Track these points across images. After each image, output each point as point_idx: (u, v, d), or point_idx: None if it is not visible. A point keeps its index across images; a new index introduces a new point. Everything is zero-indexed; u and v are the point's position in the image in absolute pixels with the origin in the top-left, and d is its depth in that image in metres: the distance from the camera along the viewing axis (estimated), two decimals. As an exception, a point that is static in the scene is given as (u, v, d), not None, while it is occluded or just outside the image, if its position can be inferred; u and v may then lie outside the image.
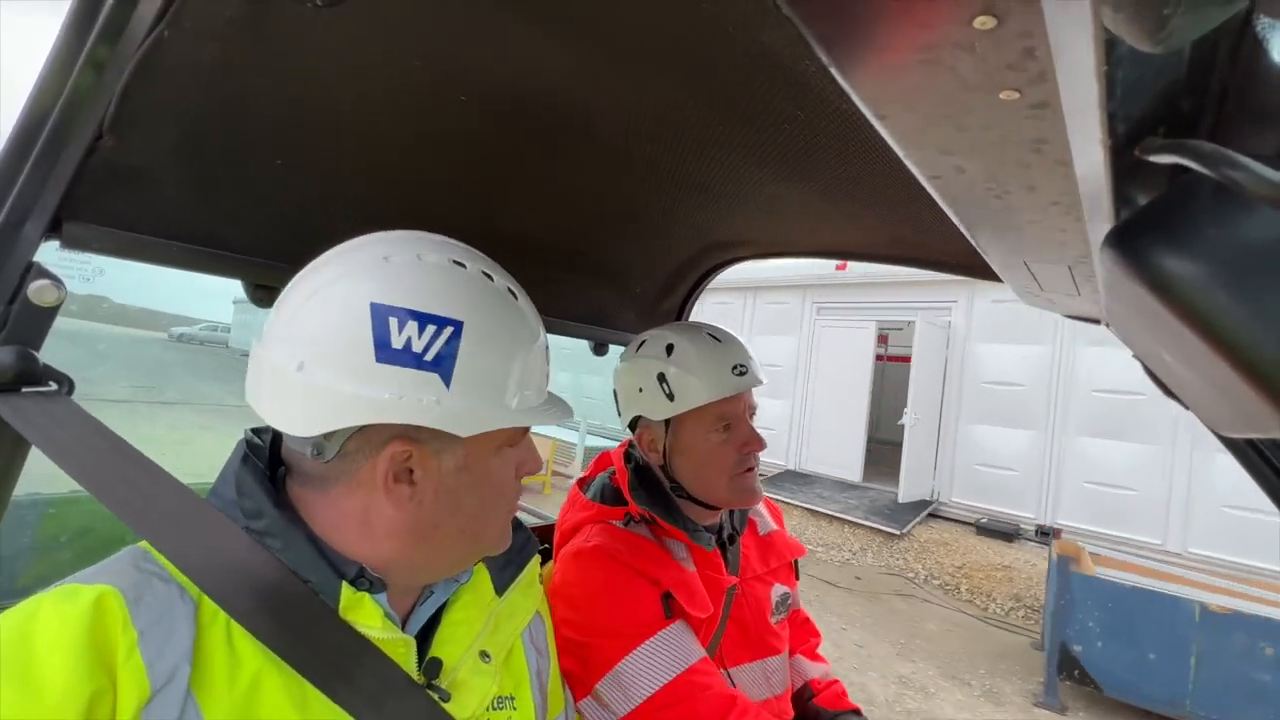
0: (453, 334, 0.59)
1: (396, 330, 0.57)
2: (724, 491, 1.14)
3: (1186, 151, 0.29)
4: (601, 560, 1.07)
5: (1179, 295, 0.31)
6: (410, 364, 0.57)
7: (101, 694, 0.49)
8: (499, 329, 0.63)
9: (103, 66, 0.66)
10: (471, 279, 0.63)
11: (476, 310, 0.61)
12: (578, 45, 0.73)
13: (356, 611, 0.61)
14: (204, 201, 0.85)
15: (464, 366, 0.59)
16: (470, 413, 0.60)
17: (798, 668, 1.36)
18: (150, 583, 0.56)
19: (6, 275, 0.68)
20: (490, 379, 0.61)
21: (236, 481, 0.63)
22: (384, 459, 0.60)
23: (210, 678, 0.54)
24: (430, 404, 0.58)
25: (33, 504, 2.17)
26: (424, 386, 0.58)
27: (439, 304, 0.59)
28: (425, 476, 0.62)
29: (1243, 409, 0.34)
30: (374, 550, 0.63)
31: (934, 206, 0.51)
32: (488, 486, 0.67)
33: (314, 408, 0.58)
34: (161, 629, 0.53)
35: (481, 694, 0.69)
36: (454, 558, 0.69)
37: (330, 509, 0.63)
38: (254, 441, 0.68)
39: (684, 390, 1.11)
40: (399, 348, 0.57)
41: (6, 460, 0.71)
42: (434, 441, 0.61)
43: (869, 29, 0.29)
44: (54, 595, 0.52)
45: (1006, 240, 0.57)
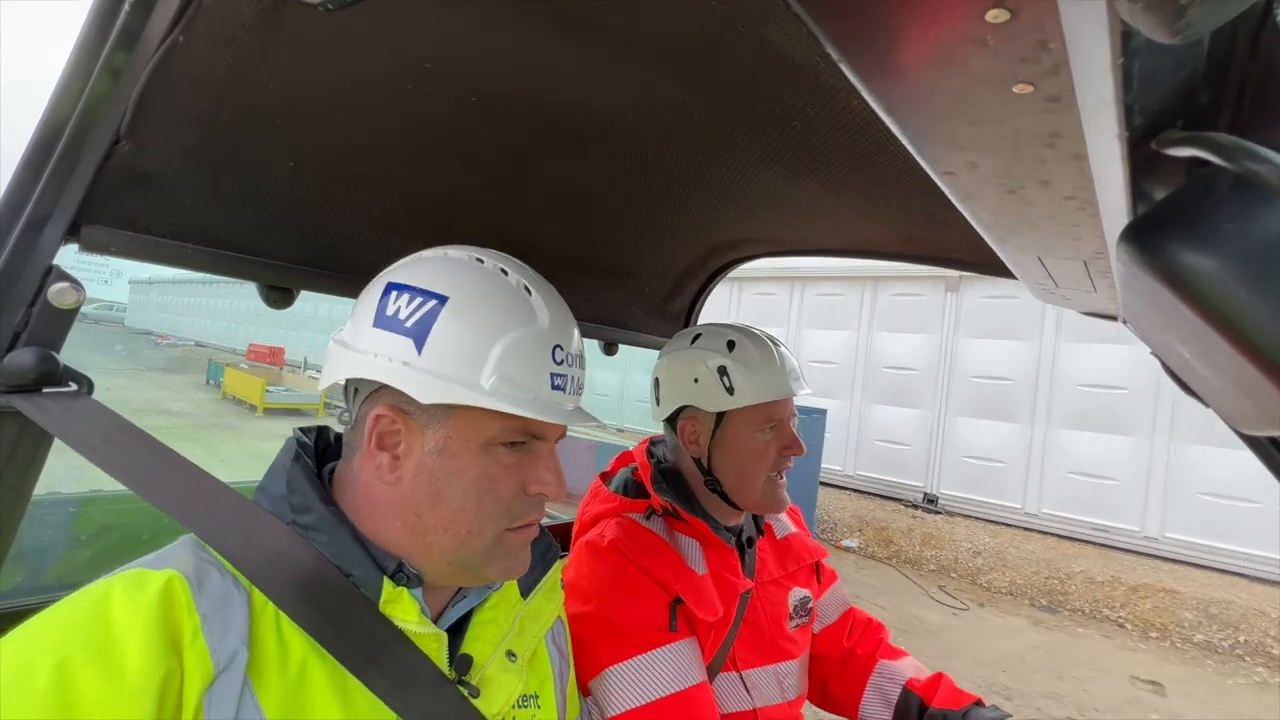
0: (435, 306, 0.63)
1: (393, 300, 0.65)
2: (758, 493, 1.16)
3: (1205, 144, 0.29)
4: (613, 557, 1.08)
5: (1198, 291, 0.31)
6: (393, 329, 0.63)
7: (173, 674, 0.51)
8: (484, 309, 0.65)
9: (119, 73, 0.67)
10: (480, 269, 0.67)
11: (465, 290, 0.65)
12: (587, 46, 0.73)
13: (395, 606, 0.63)
14: (219, 205, 0.86)
15: (437, 336, 0.62)
16: (436, 382, 0.61)
17: (886, 674, 1.28)
18: (208, 571, 0.58)
19: (27, 278, 0.70)
20: (465, 355, 0.63)
21: (288, 478, 0.67)
22: (370, 419, 0.65)
23: (264, 664, 0.56)
24: (399, 365, 0.62)
25: (55, 503, 2.21)
26: (399, 349, 0.62)
27: (433, 282, 0.65)
28: (408, 452, 0.65)
29: (1263, 406, 0.34)
30: (382, 534, 0.66)
31: (946, 203, 0.50)
32: (470, 480, 0.65)
33: (329, 365, 0.68)
34: (222, 615, 0.55)
35: (509, 691, 0.71)
36: (446, 559, 0.67)
37: (355, 485, 0.67)
38: (302, 440, 0.71)
39: (745, 385, 1.13)
40: (389, 314, 0.64)
41: (28, 458, 0.72)
42: (420, 417, 0.64)
43: (880, 24, 0.28)
44: (123, 580, 0.54)
45: (1021, 236, 0.57)
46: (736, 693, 1.14)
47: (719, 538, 1.15)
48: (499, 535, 0.68)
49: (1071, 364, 7.14)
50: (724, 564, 1.16)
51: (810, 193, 1.12)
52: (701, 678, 1.04)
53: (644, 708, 0.97)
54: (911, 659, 1.32)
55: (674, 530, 1.16)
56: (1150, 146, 0.33)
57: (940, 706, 1.19)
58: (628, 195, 1.19)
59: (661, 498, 1.15)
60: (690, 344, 1.21)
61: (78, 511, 2.22)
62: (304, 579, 0.60)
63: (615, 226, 1.34)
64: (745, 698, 1.14)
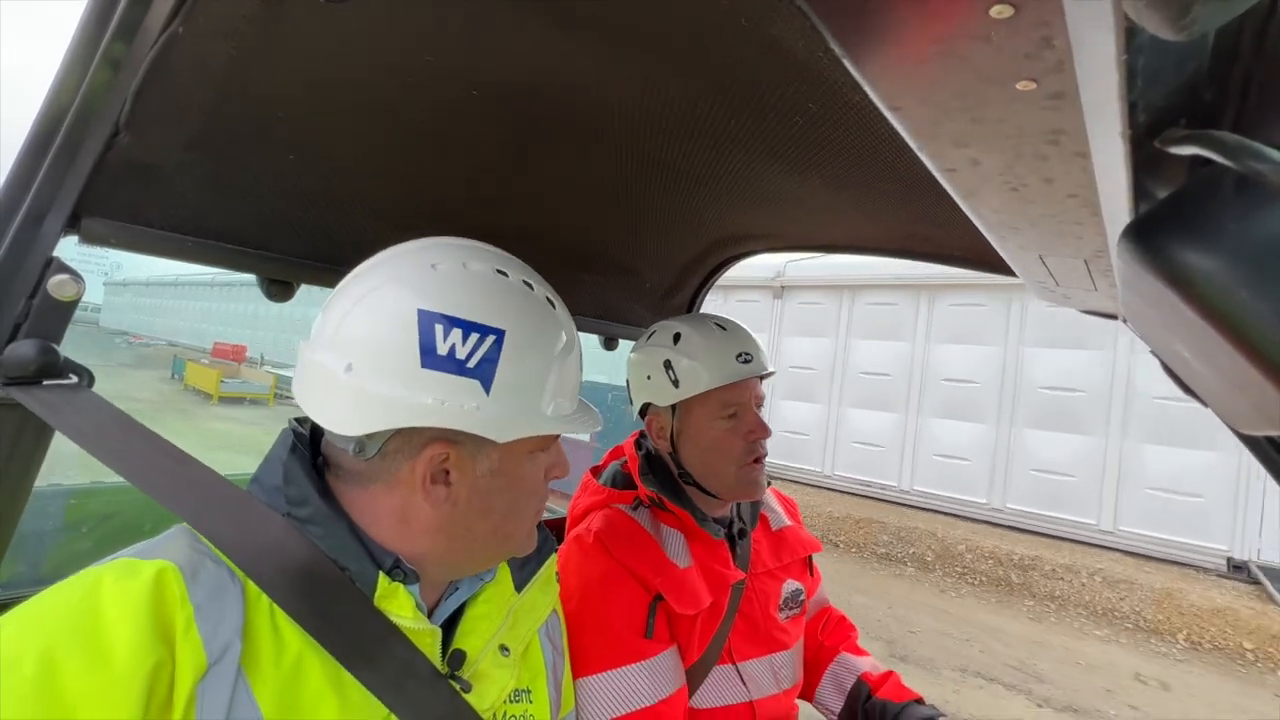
0: (495, 342, 0.61)
1: (441, 337, 0.60)
2: (730, 481, 1.16)
3: (1209, 143, 0.29)
4: (596, 553, 1.09)
5: (1199, 290, 0.30)
6: (454, 370, 0.60)
7: (163, 665, 0.50)
8: (538, 338, 0.65)
9: (118, 64, 0.66)
10: (513, 288, 0.65)
11: (517, 319, 0.63)
12: (589, 40, 0.73)
13: (390, 601, 0.63)
14: (219, 197, 0.86)
15: (504, 374, 0.61)
16: (508, 419, 0.62)
17: (845, 664, 1.35)
18: (203, 561, 0.57)
19: (27, 270, 0.70)
20: (528, 387, 0.63)
21: (285, 470, 0.66)
22: (423, 460, 0.63)
23: (258, 656, 0.55)
24: (471, 410, 0.60)
25: (54, 494, 2.21)
26: (466, 393, 0.60)
27: (482, 312, 0.61)
28: (461, 478, 0.65)
29: (1263, 406, 0.34)
30: (409, 546, 0.66)
31: (948, 200, 0.50)
32: (519, 490, 0.69)
33: (360, 408, 0.60)
34: (216, 606, 0.55)
35: (501, 686, 0.71)
36: (484, 556, 0.71)
37: (369, 504, 0.65)
38: (299, 431, 0.70)
39: (688, 376, 1.14)
40: (444, 354, 0.59)
41: (29, 450, 0.72)
42: (470, 444, 0.63)
43: (883, 19, 0.28)
44: (114, 568, 0.54)
45: (1022, 234, 0.57)
46: (733, 686, 1.15)
47: (704, 530, 1.15)
48: (531, 526, 0.73)
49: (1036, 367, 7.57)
50: (712, 555, 1.16)
51: (812, 188, 1.12)
52: (674, 689, 1.05)
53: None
54: (871, 658, 1.38)
55: (659, 521, 1.16)
56: (1153, 144, 0.33)
57: (883, 698, 1.26)
58: (629, 189, 1.18)
59: (648, 488, 1.17)
60: (646, 341, 1.24)
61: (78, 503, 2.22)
62: (299, 572, 0.60)
63: (616, 221, 1.34)
64: (742, 690, 1.15)
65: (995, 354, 7.86)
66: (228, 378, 15.93)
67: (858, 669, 1.34)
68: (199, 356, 22.22)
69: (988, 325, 7.94)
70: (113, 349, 28.61)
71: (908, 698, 1.26)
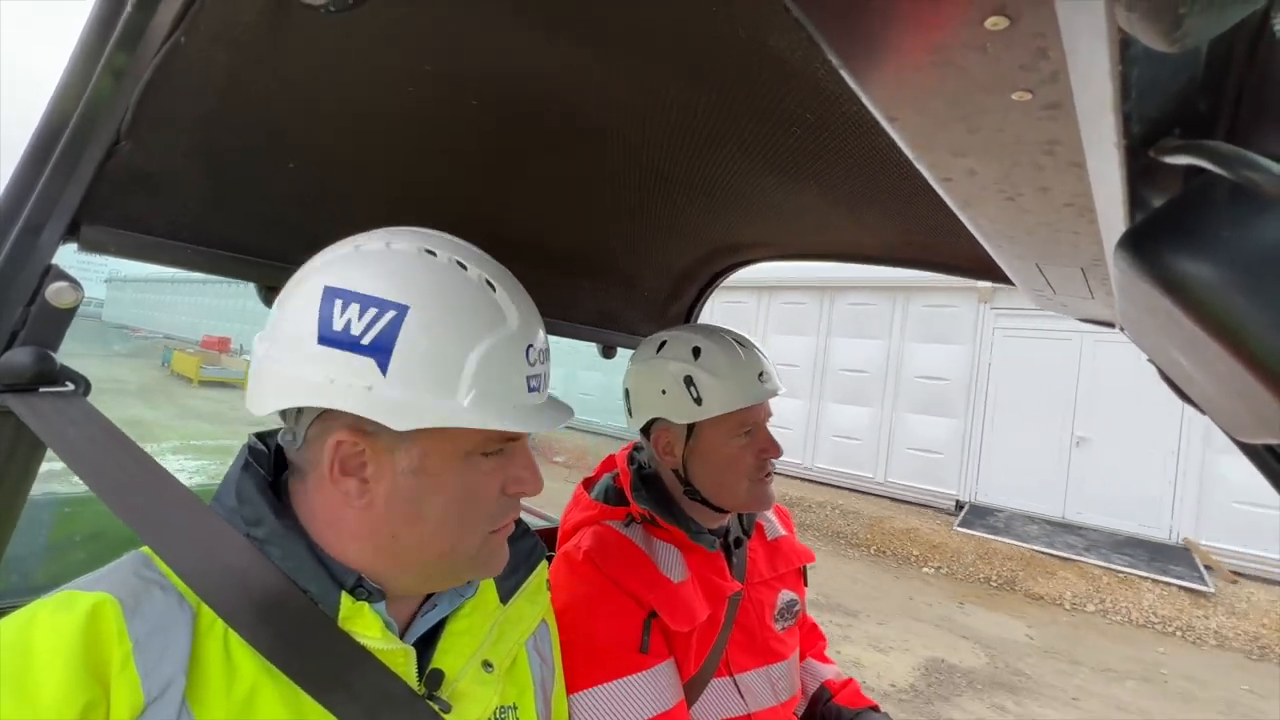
0: (395, 318, 0.55)
1: (339, 313, 0.55)
2: (743, 496, 1.14)
3: (1203, 152, 0.29)
4: (587, 570, 1.07)
5: (1195, 298, 0.31)
6: (347, 347, 0.55)
7: (95, 705, 0.48)
8: (452, 316, 0.58)
9: (121, 73, 0.67)
10: (436, 265, 0.59)
11: (428, 295, 0.57)
12: (589, 49, 0.73)
13: (355, 621, 0.59)
14: (219, 205, 0.86)
15: (404, 353, 0.55)
16: (409, 405, 0.55)
17: (810, 670, 1.37)
18: (150, 591, 0.55)
19: (25, 277, 0.70)
20: (437, 370, 0.56)
21: (237, 489, 0.63)
22: (329, 447, 0.58)
23: (206, 688, 0.53)
24: (361, 390, 0.55)
25: (48, 503, 2.20)
26: (357, 371, 0.55)
27: (386, 287, 0.56)
28: (378, 474, 0.59)
29: (1260, 414, 0.34)
30: (344, 552, 0.62)
31: (945, 209, 0.51)
32: (450, 496, 0.62)
33: (265, 387, 0.59)
34: (158, 640, 0.52)
35: (484, 705, 0.68)
36: (426, 571, 0.64)
37: (309, 503, 0.63)
38: (256, 448, 0.67)
39: (712, 395, 1.09)
40: (338, 329, 0.55)
41: (25, 459, 0.72)
42: (387, 437, 0.58)
43: (880, 30, 0.28)
44: (52, 603, 0.52)
45: (1019, 243, 0.57)
46: (731, 698, 1.14)
47: (699, 544, 1.13)
48: (482, 541, 0.65)
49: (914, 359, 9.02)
50: (709, 567, 1.15)
51: (809, 198, 1.12)
52: (672, 703, 1.03)
53: None
54: (835, 667, 1.42)
55: (652, 537, 1.15)
56: (1148, 154, 0.33)
57: (840, 704, 1.31)
58: (628, 197, 1.19)
59: (640, 505, 1.14)
60: (656, 352, 1.18)
61: (72, 512, 2.21)
62: (257, 595, 0.57)
63: (615, 229, 1.35)
64: (739, 703, 1.14)
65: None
66: (207, 364, 18.14)
67: (822, 675, 1.37)
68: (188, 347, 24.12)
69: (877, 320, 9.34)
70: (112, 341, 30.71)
71: (864, 705, 1.31)
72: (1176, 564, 6.56)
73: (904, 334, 9.08)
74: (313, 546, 0.61)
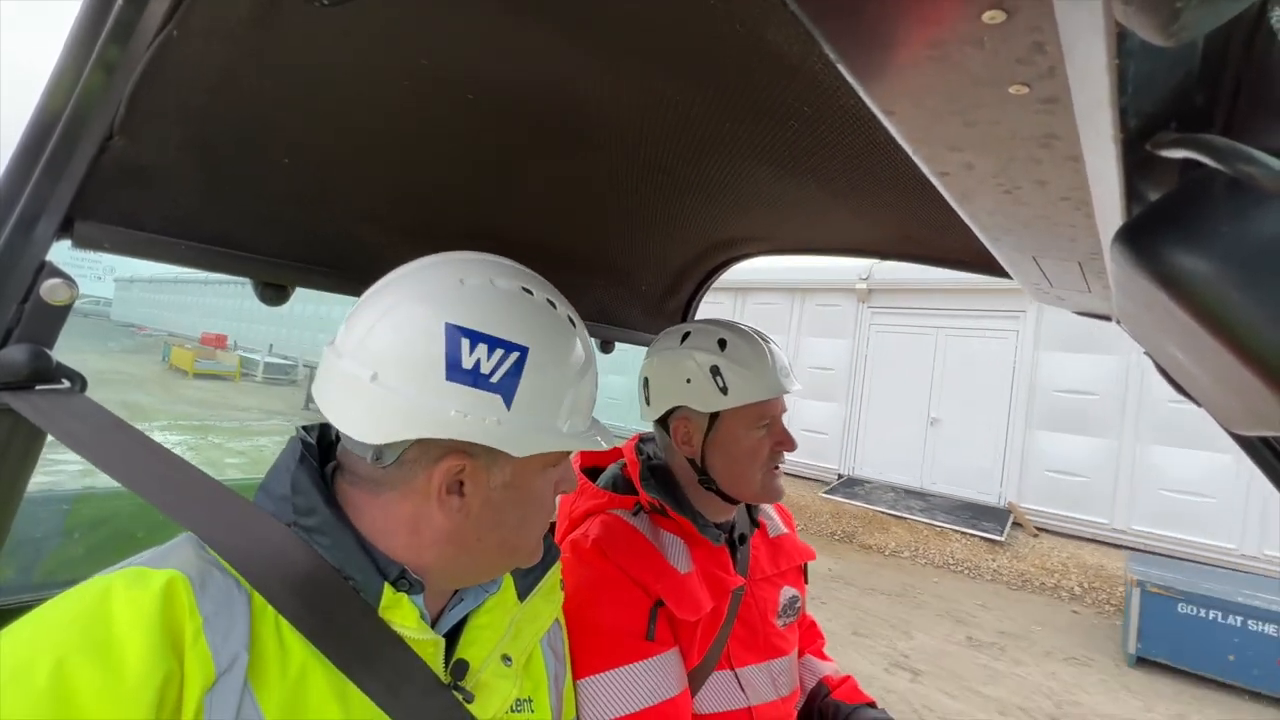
0: (518, 359, 0.63)
1: (467, 351, 0.61)
2: (756, 487, 1.16)
3: (1199, 146, 0.29)
4: (594, 558, 1.08)
5: (1191, 292, 0.31)
6: (477, 384, 0.61)
7: (172, 676, 0.50)
8: (559, 357, 0.66)
9: (113, 67, 0.66)
10: (537, 306, 0.67)
11: (540, 337, 0.65)
12: (584, 44, 0.73)
13: (395, 611, 0.63)
14: (213, 201, 0.86)
15: (525, 390, 0.63)
16: (525, 434, 0.63)
17: (809, 667, 1.38)
18: (211, 571, 0.57)
19: (20, 274, 0.69)
20: (547, 404, 0.65)
21: (292, 479, 0.66)
22: (440, 471, 0.63)
23: (264, 668, 0.55)
24: (492, 424, 0.61)
25: (47, 500, 2.19)
26: (488, 406, 0.61)
27: (508, 329, 0.63)
28: (474, 490, 0.65)
29: (1256, 407, 0.34)
30: (418, 554, 0.66)
31: (943, 203, 0.51)
32: (529, 503, 0.70)
33: (382, 416, 0.61)
34: (224, 616, 0.55)
35: (503, 696, 0.71)
36: (491, 567, 0.72)
37: (380, 511, 0.65)
38: (307, 440, 0.70)
39: (739, 384, 1.12)
40: (468, 368, 0.61)
41: (20, 457, 0.71)
42: (486, 457, 0.64)
43: (877, 24, 0.28)
44: (124, 577, 0.54)
45: (1016, 237, 0.57)
46: (731, 692, 1.14)
47: (705, 537, 1.15)
48: (539, 539, 0.74)
49: None
50: (714, 561, 1.16)
51: (807, 192, 1.12)
52: (678, 690, 1.04)
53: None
54: (834, 664, 1.43)
55: (659, 528, 1.16)
56: (1145, 148, 0.33)
57: (838, 699, 1.32)
58: (625, 193, 1.19)
59: (649, 495, 1.15)
60: (680, 343, 1.19)
61: (70, 509, 2.21)
62: (303, 582, 0.59)
63: (612, 224, 1.34)
64: (740, 696, 1.15)
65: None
66: (202, 359, 20.42)
67: (820, 671, 1.38)
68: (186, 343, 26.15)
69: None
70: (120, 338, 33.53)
71: (861, 700, 1.32)
72: (991, 521, 7.74)
73: (800, 329, 10.42)
74: (360, 539, 0.65)
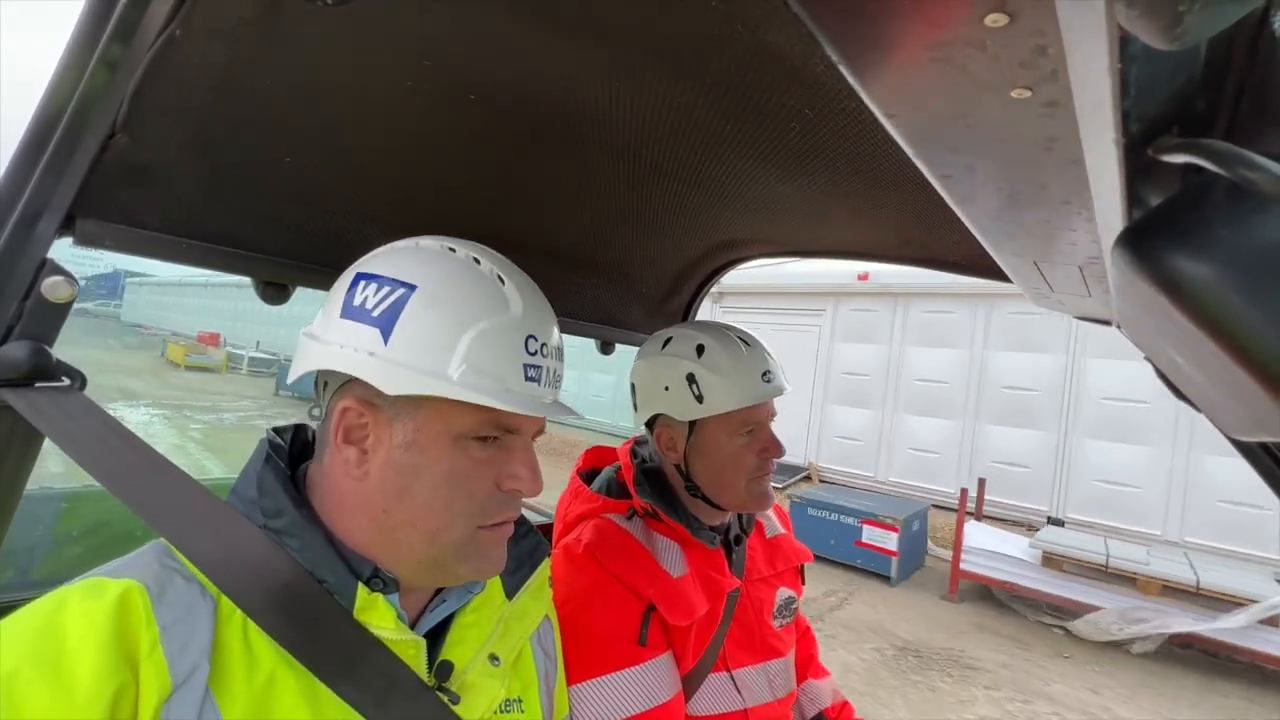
0: (402, 295, 0.62)
1: (360, 290, 0.64)
2: (741, 494, 1.14)
3: (1201, 151, 0.29)
4: (587, 564, 1.07)
5: (1192, 297, 0.31)
6: (361, 319, 0.62)
7: (125, 688, 0.49)
8: (453, 298, 0.63)
9: (115, 66, 0.66)
10: (454, 259, 0.66)
11: (435, 279, 0.63)
12: (586, 45, 0.73)
13: (370, 612, 0.61)
14: (215, 199, 0.86)
15: (405, 325, 0.61)
16: (401, 372, 0.60)
17: (809, 694, 1.36)
18: (172, 579, 0.56)
19: (21, 271, 0.69)
20: (431, 345, 0.61)
21: (258, 481, 0.65)
22: (337, 412, 0.64)
23: (228, 675, 0.54)
24: (364, 355, 0.61)
25: (46, 498, 2.19)
26: (365, 339, 0.61)
27: (403, 271, 0.64)
28: (376, 445, 0.64)
29: (1255, 412, 0.34)
30: (351, 532, 0.65)
31: (944, 206, 0.51)
32: (439, 475, 0.63)
33: (297, 358, 0.67)
34: (183, 626, 0.54)
35: (490, 697, 0.70)
36: (416, 559, 0.65)
37: (325, 483, 0.66)
38: (275, 441, 0.69)
39: (714, 393, 1.10)
40: (356, 304, 0.63)
41: (20, 454, 0.71)
42: (388, 410, 0.63)
43: (880, 26, 0.28)
44: (80, 589, 0.53)
45: (1017, 240, 0.57)
46: (728, 693, 1.14)
47: (699, 540, 1.14)
48: (471, 533, 0.66)
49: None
50: (709, 563, 1.15)
51: (808, 194, 1.12)
52: (671, 695, 1.04)
53: None
54: (831, 680, 1.42)
55: (653, 531, 1.15)
56: (1146, 152, 0.33)
57: None
58: (625, 194, 1.19)
59: (643, 499, 1.14)
60: (661, 349, 1.18)
61: (68, 507, 2.20)
62: (275, 586, 0.58)
63: (613, 225, 1.34)
64: (736, 698, 1.14)
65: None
66: (193, 354, 23.79)
67: (821, 700, 1.37)
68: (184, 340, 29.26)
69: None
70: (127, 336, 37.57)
71: None
72: (792, 475, 9.32)
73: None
74: (331, 538, 0.64)
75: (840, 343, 9.79)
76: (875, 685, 4.33)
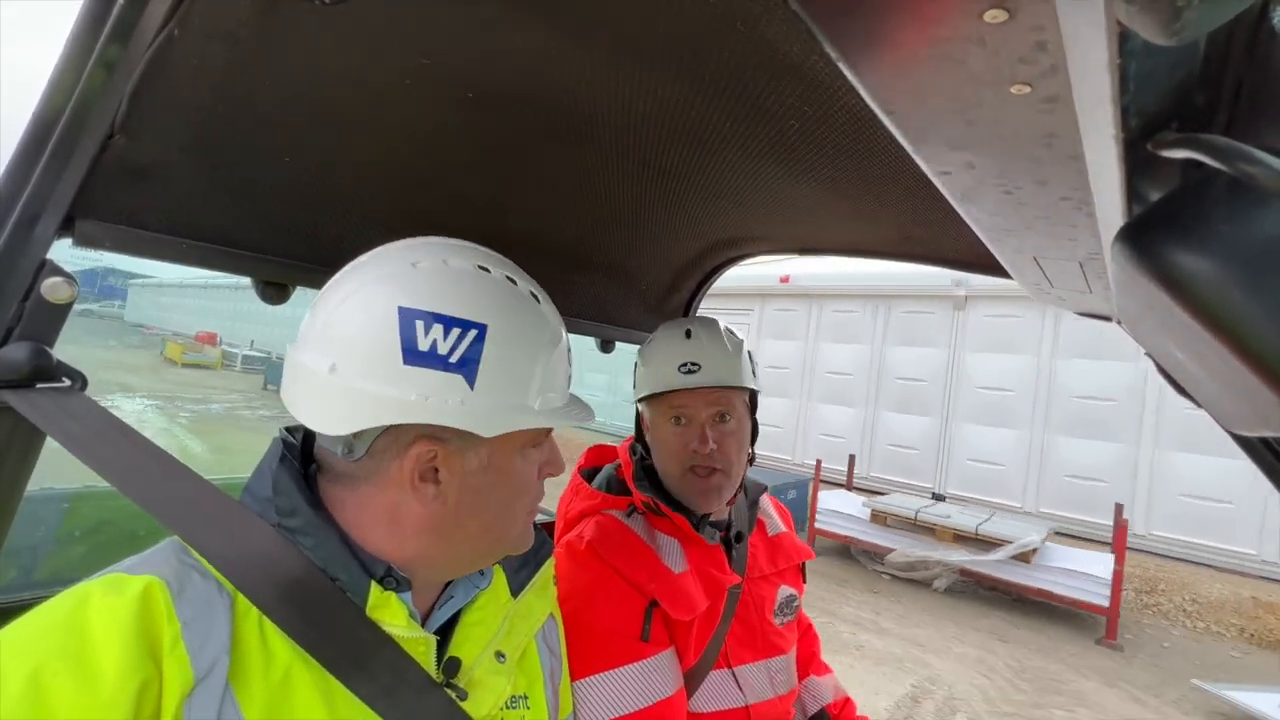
0: (476, 337, 0.61)
1: (423, 333, 0.60)
2: (676, 483, 1.16)
3: (1200, 146, 0.29)
4: (589, 560, 1.08)
5: (1192, 292, 0.31)
6: (436, 366, 0.60)
7: (149, 683, 0.50)
8: (522, 332, 0.65)
9: (114, 66, 0.66)
10: (496, 283, 0.65)
11: (500, 314, 0.63)
12: (584, 43, 0.73)
13: (382, 610, 0.62)
14: (214, 199, 0.86)
15: (488, 368, 0.61)
16: (493, 413, 0.62)
17: (811, 690, 1.37)
18: (191, 575, 0.57)
19: (20, 272, 0.69)
20: (513, 381, 0.63)
21: (274, 480, 0.65)
22: (410, 458, 0.62)
23: (246, 671, 0.55)
24: (455, 405, 0.60)
25: (48, 499, 2.20)
26: (449, 388, 0.60)
27: (463, 308, 0.62)
28: (450, 475, 0.64)
29: (1257, 407, 0.34)
30: (401, 547, 0.65)
31: (944, 203, 0.51)
32: (510, 486, 0.69)
33: (345, 408, 0.60)
34: (203, 621, 0.54)
35: (497, 693, 0.71)
36: (476, 554, 0.71)
37: (360, 506, 0.65)
38: (289, 440, 0.70)
39: (640, 378, 1.23)
40: (425, 350, 0.60)
41: (21, 454, 0.71)
42: (458, 441, 0.63)
43: (879, 23, 0.28)
44: (101, 584, 0.53)
45: (1017, 237, 0.57)
46: (729, 690, 1.14)
47: (700, 535, 1.15)
48: (527, 522, 0.73)
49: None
50: (709, 559, 1.16)
51: (808, 191, 1.12)
52: (673, 690, 1.04)
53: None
54: (833, 677, 1.43)
55: (654, 528, 1.16)
56: (1146, 148, 0.33)
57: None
58: (625, 192, 1.19)
59: (643, 494, 1.16)
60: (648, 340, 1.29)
61: (70, 507, 2.21)
62: (289, 583, 0.59)
63: (612, 223, 1.34)
64: (738, 694, 1.15)
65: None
66: (190, 352, 24.93)
67: (823, 697, 1.38)
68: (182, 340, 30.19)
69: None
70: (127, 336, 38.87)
71: None
72: None
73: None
74: (345, 538, 0.64)
75: (766, 339, 10.89)
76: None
